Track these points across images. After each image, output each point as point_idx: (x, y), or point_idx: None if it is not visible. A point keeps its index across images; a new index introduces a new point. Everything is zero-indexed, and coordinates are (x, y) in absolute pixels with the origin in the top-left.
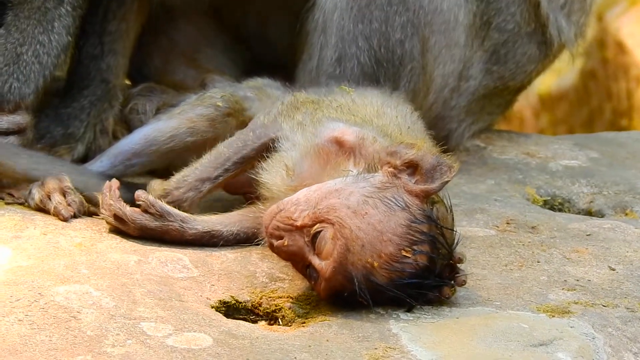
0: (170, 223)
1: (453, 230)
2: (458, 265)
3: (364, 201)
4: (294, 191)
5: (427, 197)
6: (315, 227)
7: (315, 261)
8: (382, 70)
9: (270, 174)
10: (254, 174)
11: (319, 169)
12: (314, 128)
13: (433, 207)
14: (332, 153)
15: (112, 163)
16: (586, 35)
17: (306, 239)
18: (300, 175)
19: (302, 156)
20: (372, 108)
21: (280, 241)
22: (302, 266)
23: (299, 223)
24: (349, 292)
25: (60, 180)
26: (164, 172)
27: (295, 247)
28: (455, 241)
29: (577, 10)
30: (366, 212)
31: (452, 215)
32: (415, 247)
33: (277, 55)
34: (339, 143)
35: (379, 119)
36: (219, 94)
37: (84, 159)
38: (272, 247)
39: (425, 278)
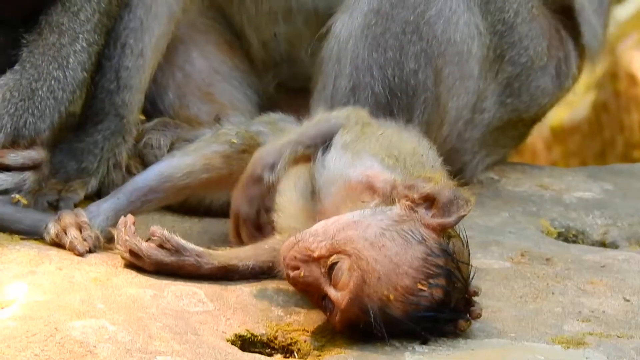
0: (186, 258)
1: (469, 264)
2: (473, 298)
3: (381, 234)
4: (311, 219)
5: (444, 231)
6: (332, 258)
7: (332, 292)
8: (396, 101)
9: (294, 192)
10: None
11: (340, 200)
12: (352, 158)
13: (449, 241)
14: (358, 190)
15: (128, 199)
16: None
17: (322, 270)
18: (324, 200)
19: (331, 182)
20: (410, 146)
21: (296, 272)
22: (318, 297)
23: (316, 254)
24: (365, 324)
25: (77, 215)
26: (179, 208)
27: (311, 278)
28: (471, 275)
29: (603, 13)
30: (383, 245)
31: (469, 249)
32: (431, 281)
33: (306, 79)
34: (369, 185)
35: (412, 158)
36: (233, 130)
37: (98, 193)
38: (288, 278)
39: (441, 311)
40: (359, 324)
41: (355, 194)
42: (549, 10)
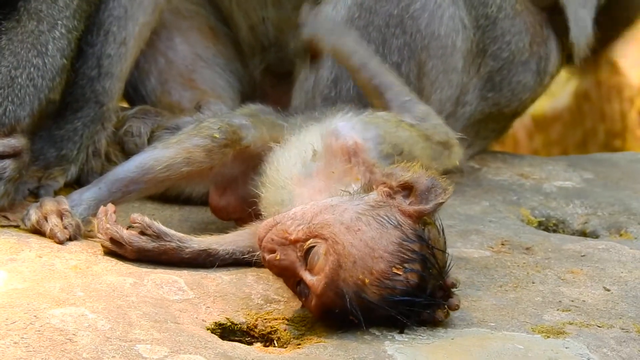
0: (168, 243)
1: (444, 252)
2: (452, 289)
3: (357, 218)
4: (304, 186)
5: (421, 218)
6: (309, 242)
7: (307, 277)
8: None
9: (289, 159)
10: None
11: (326, 164)
12: (360, 124)
13: (425, 228)
14: (339, 153)
15: (109, 189)
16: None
17: (299, 254)
18: (317, 168)
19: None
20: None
21: (273, 255)
22: (294, 282)
23: (292, 237)
24: (341, 310)
25: (58, 203)
26: (160, 196)
27: (287, 262)
28: (448, 263)
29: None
30: (359, 229)
31: (444, 237)
32: (406, 265)
33: (293, 63)
34: (350, 153)
35: (410, 149)
36: (216, 124)
37: (77, 180)
38: (264, 261)
39: (417, 297)
40: (335, 309)
41: (336, 157)
42: (534, 6)
